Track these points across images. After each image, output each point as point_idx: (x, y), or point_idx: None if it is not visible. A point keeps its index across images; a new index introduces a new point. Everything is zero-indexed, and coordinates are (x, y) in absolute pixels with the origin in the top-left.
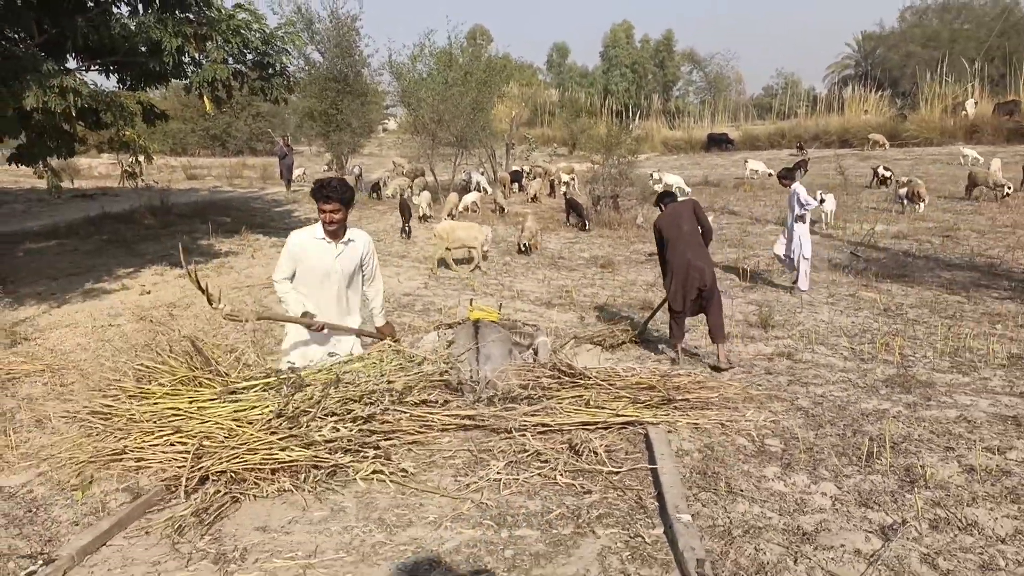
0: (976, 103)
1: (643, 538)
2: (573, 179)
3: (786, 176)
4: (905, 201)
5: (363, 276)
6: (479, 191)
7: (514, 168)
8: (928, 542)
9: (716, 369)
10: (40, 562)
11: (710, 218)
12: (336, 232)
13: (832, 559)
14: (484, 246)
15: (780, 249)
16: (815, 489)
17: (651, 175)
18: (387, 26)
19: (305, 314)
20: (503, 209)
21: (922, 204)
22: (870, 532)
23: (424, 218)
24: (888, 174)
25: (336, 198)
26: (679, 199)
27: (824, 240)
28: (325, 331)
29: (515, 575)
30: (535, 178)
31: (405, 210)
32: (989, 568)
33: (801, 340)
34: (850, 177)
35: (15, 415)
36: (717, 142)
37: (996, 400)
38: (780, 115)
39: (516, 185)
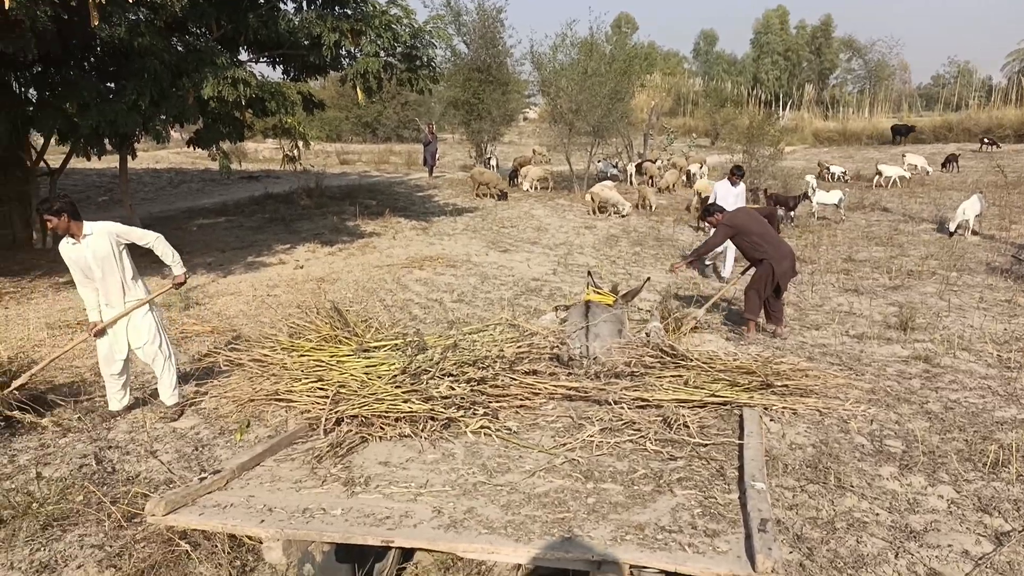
0: None
1: (717, 500)
2: (703, 172)
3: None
4: None
5: (127, 256)
6: (614, 180)
7: (647, 159)
8: None
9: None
10: (210, 472)
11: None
12: (72, 234)
13: (936, 557)
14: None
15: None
16: (931, 491)
17: (820, 169)
18: (530, 16)
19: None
20: (651, 206)
21: None
22: (983, 536)
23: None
24: None
25: (44, 214)
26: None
27: (984, 242)
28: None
29: (593, 518)
30: (669, 169)
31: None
32: None
33: (942, 345)
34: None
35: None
36: (902, 133)
37: None
38: (949, 106)
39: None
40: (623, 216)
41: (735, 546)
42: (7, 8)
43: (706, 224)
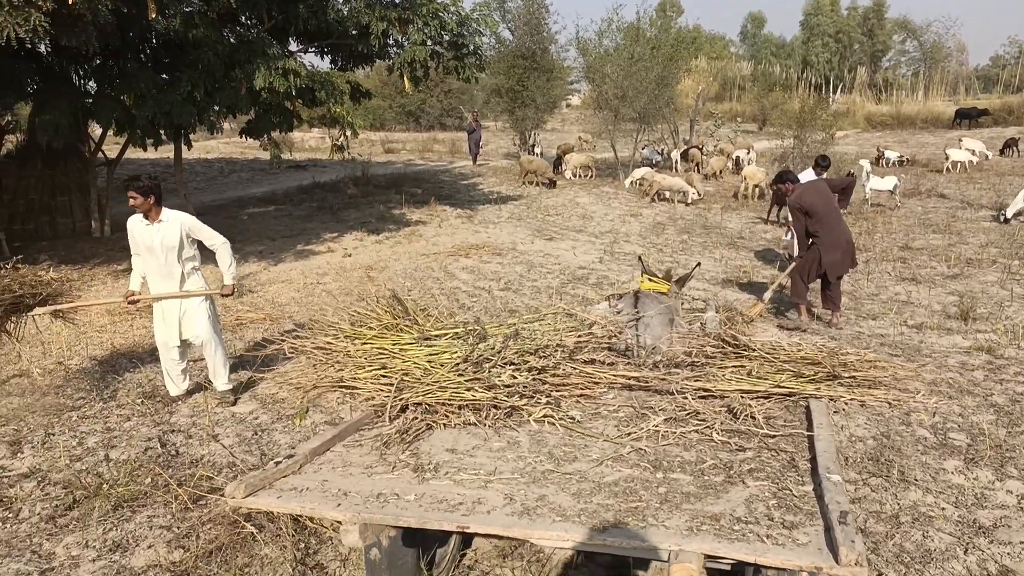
0: None
1: (791, 491)
2: (751, 158)
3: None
4: None
5: (193, 249)
6: (651, 166)
7: (693, 145)
8: None
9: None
10: (283, 456)
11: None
12: (148, 215)
13: (1008, 554)
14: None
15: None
16: (1000, 486)
17: (879, 153)
18: (575, 1)
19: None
20: (697, 193)
21: None
22: None
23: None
24: None
25: (132, 190)
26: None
27: None
28: (140, 303)
29: (666, 507)
30: (716, 155)
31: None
32: None
33: (1006, 335)
34: None
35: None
36: (971, 116)
37: None
38: (1009, 88)
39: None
40: (689, 204)
41: (815, 538)
42: (71, 3)
43: (780, 218)
